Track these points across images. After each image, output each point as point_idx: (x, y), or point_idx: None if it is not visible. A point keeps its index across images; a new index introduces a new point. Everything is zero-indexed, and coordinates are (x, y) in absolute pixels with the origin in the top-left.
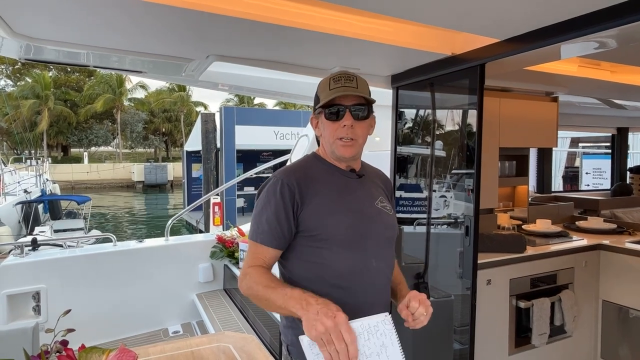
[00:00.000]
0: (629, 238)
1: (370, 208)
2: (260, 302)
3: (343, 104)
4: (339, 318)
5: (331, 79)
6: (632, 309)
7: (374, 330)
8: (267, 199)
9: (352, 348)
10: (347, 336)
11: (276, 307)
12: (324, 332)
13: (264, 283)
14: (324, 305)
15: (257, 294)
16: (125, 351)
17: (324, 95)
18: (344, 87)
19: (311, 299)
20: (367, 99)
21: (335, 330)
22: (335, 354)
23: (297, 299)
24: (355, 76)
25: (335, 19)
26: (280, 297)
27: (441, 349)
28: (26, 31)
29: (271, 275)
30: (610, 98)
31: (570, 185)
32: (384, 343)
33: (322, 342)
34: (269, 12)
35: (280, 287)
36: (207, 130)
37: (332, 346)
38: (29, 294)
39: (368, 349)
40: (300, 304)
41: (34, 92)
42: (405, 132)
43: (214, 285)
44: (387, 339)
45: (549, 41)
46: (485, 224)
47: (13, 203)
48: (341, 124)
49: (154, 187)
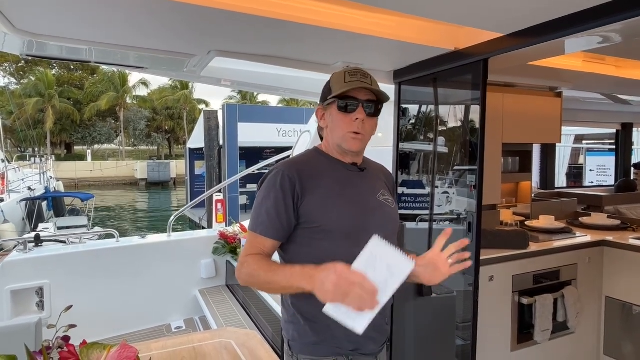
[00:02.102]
0: (633, 234)
1: (372, 201)
2: (262, 287)
3: (358, 97)
4: (339, 268)
5: (347, 72)
6: (635, 305)
7: (372, 258)
8: (267, 191)
9: (366, 284)
10: (354, 278)
11: (280, 287)
12: (335, 288)
13: (265, 268)
14: (324, 270)
15: (258, 279)
16: (127, 347)
17: (338, 86)
18: (360, 82)
19: (312, 271)
20: (380, 98)
21: (342, 279)
22: (358, 298)
23: (301, 275)
24: (369, 74)
25: (338, 14)
26: (283, 277)
27: (444, 345)
28: (27, 27)
29: (270, 260)
30: (615, 93)
31: (574, 182)
32: (388, 263)
33: (340, 298)
34: (270, 6)
35: (280, 269)
36: (210, 128)
37: (350, 295)
38: (33, 289)
39: (380, 276)
40: (306, 280)
41: (37, 90)
42: (407, 128)
43: (217, 281)
44: (388, 257)
45: (553, 36)
46: (488, 220)
47: (17, 200)
48: (353, 117)
49: (156, 184)
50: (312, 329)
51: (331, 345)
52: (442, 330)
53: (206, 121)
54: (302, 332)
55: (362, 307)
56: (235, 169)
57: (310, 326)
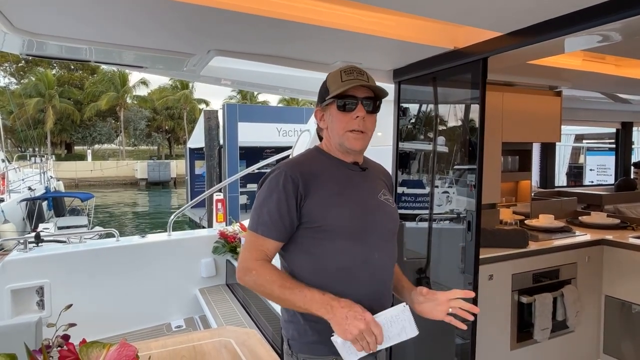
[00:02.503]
0: (633, 233)
1: (373, 201)
2: (270, 299)
3: (356, 95)
4: (368, 317)
5: (342, 71)
6: (635, 304)
7: (395, 318)
8: (269, 191)
9: (380, 338)
10: (376, 330)
11: (293, 306)
12: (358, 333)
13: (278, 282)
14: (350, 308)
15: (270, 293)
16: (126, 346)
17: (336, 86)
18: (357, 80)
19: (334, 302)
20: (378, 94)
21: (367, 330)
22: (366, 345)
23: (320, 303)
24: (365, 71)
25: (337, 13)
26: (300, 299)
27: (443, 343)
28: (27, 26)
29: (282, 273)
30: (614, 92)
31: (574, 181)
32: (404, 326)
33: (356, 340)
34: (270, 6)
35: (297, 288)
36: (210, 127)
37: (364, 341)
38: (33, 288)
39: (391, 332)
40: (325, 308)
41: (37, 90)
42: (407, 128)
43: (217, 280)
44: (407, 323)
45: (553, 34)
46: (488, 219)
47: (17, 200)
48: (353, 115)
49: (157, 184)
50: (311, 328)
51: (330, 344)
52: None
53: (206, 121)
54: (302, 332)
55: (365, 350)
56: (236, 168)
57: (309, 325)
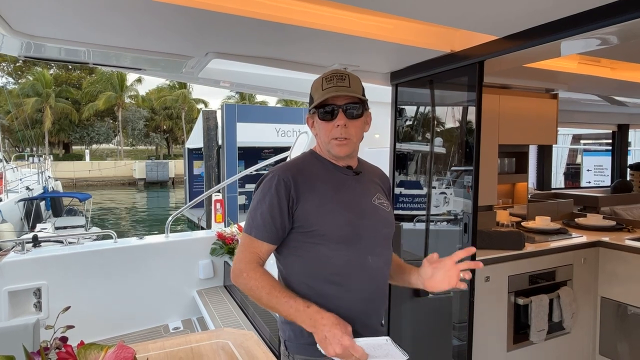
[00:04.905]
0: (629, 235)
1: (367, 205)
2: (260, 304)
3: (336, 103)
4: (346, 342)
5: (324, 79)
6: (630, 305)
7: (377, 346)
8: (263, 194)
9: (363, 358)
10: (357, 353)
11: (280, 314)
12: (336, 355)
13: (266, 289)
14: (330, 328)
15: (259, 298)
16: (124, 347)
17: (317, 95)
18: (335, 87)
19: (317, 316)
20: (360, 98)
21: (346, 354)
22: None
23: (304, 316)
24: (347, 74)
25: (334, 17)
26: (286, 309)
27: (440, 345)
28: (25, 29)
29: (271, 279)
30: (610, 95)
31: (571, 182)
32: (389, 352)
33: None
34: (268, 9)
35: (283, 297)
36: (209, 128)
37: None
38: (30, 290)
39: (376, 353)
40: (307, 322)
41: (35, 90)
42: (404, 129)
43: (214, 281)
44: (392, 351)
45: (549, 38)
46: (485, 221)
47: (15, 200)
48: (335, 123)
49: (155, 184)
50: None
51: None
52: (439, 330)
53: (205, 121)
54: (298, 333)
55: None
56: (234, 169)
57: None
